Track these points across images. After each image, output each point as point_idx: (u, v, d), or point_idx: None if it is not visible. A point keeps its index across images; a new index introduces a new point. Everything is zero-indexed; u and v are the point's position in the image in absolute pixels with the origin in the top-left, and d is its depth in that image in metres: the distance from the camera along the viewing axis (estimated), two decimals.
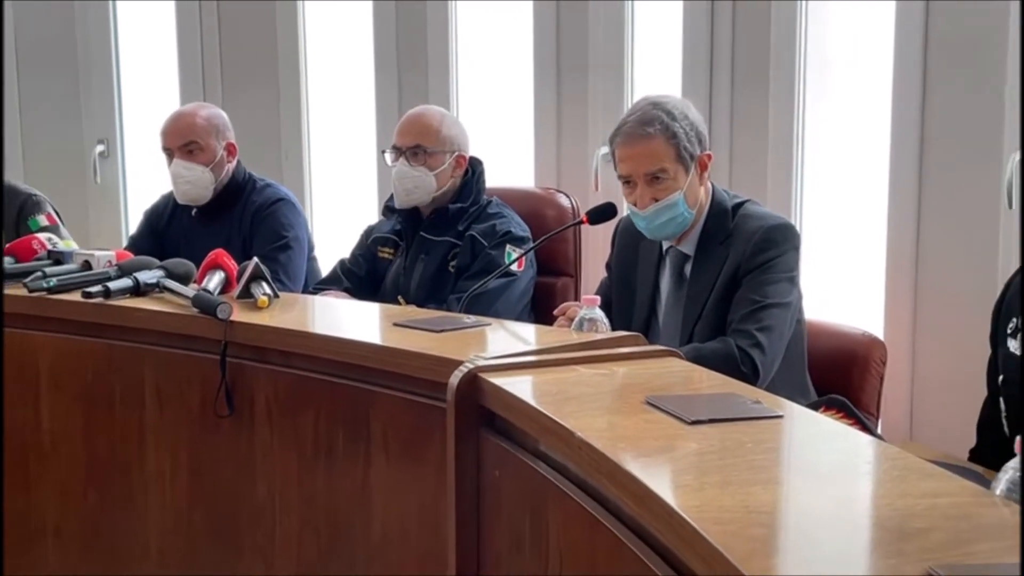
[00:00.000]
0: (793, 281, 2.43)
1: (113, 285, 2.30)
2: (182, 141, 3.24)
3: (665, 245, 2.56)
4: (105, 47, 4.58)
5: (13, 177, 3.62)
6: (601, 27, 3.57)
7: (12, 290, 2.42)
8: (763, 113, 3.24)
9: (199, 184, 3.25)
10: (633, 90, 3.53)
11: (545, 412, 1.52)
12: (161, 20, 4.47)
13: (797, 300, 2.44)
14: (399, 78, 3.96)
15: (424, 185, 2.96)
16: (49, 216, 3.38)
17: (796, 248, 2.45)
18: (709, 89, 3.30)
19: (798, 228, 2.94)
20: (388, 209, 3.16)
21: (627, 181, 2.47)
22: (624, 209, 2.64)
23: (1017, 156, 2.50)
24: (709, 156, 2.49)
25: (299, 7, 4.17)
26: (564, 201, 3.23)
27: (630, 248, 2.64)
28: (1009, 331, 1.95)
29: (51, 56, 4.63)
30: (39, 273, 2.40)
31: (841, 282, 2.98)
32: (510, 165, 3.69)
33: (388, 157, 3.05)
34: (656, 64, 3.54)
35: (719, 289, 2.43)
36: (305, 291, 3.17)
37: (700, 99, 3.19)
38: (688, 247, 2.51)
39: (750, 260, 2.39)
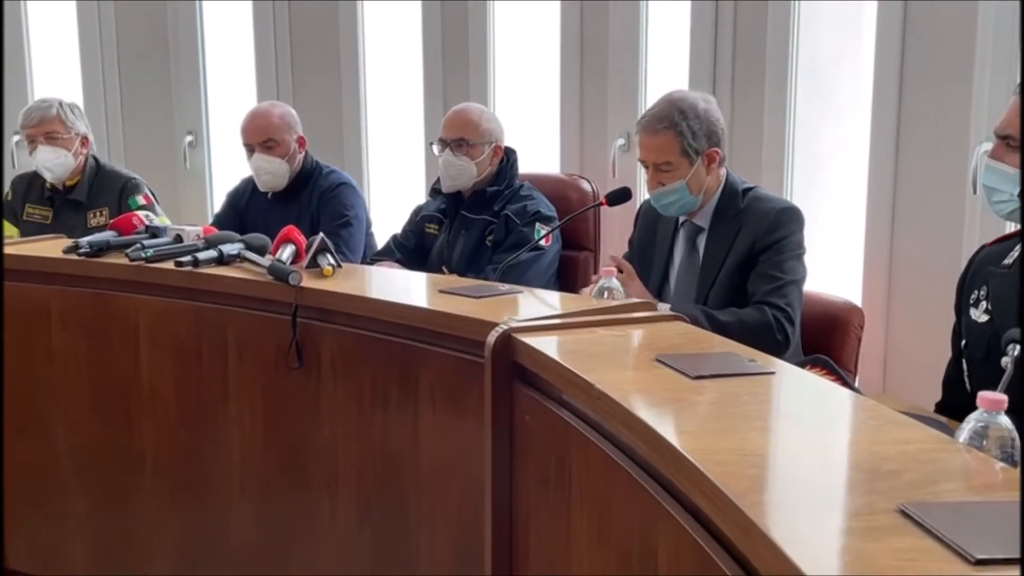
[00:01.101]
0: (801, 258, 2.44)
1: (201, 256, 2.31)
2: (262, 138, 3.26)
3: (681, 219, 2.56)
4: (193, 48, 4.59)
5: (116, 163, 3.66)
6: (619, 33, 3.55)
7: (115, 259, 2.45)
8: (759, 105, 3.22)
9: (277, 174, 3.29)
10: (647, 88, 3.52)
11: (569, 367, 1.52)
12: (239, 23, 4.47)
13: (805, 275, 2.45)
14: (443, 77, 3.95)
15: (467, 172, 2.99)
16: (146, 196, 3.41)
17: (802, 228, 2.46)
18: (712, 85, 3.28)
19: (788, 195, 2.98)
20: (434, 191, 3.18)
21: (644, 164, 2.50)
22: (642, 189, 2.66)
23: (983, 147, 2.47)
24: (716, 152, 2.47)
25: (359, 8, 4.16)
26: (585, 186, 3.23)
27: (650, 225, 2.66)
28: (971, 301, 1.93)
29: (147, 57, 4.65)
30: (138, 245, 2.41)
31: (825, 256, 2.97)
32: (539, 153, 3.67)
33: (436, 148, 3.07)
34: (665, 64, 3.51)
35: (732, 260, 2.45)
36: (363, 262, 3.19)
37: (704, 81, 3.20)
38: (702, 221, 2.53)
39: (764, 238, 2.41)
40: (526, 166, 3.17)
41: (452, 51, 3.93)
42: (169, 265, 2.33)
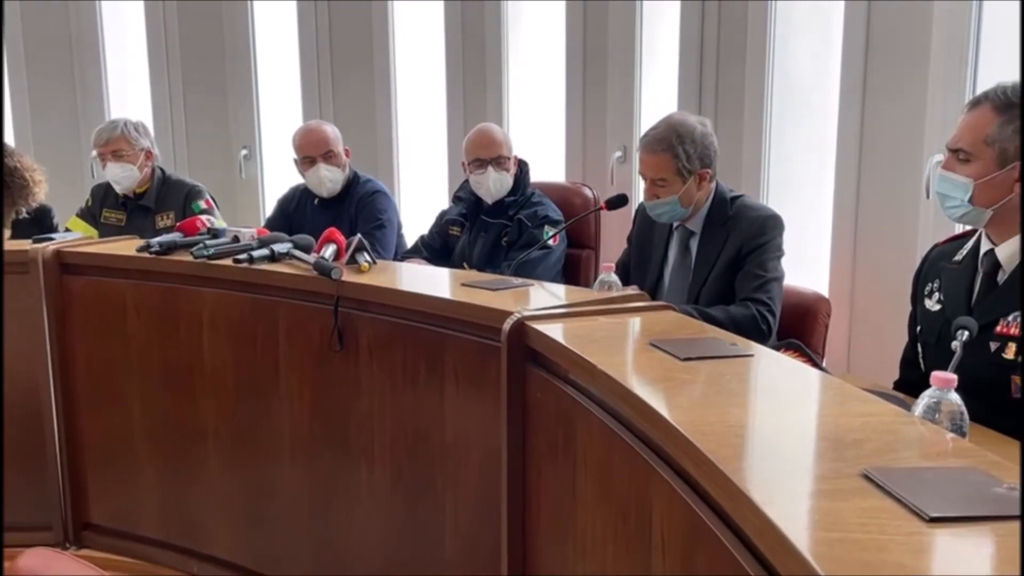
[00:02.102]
0: (780, 259, 2.43)
1: (255, 253, 2.31)
2: (324, 150, 3.27)
3: (675, 224, 2.56)
4: (247, 75, 4.60)
5: (181, 173, 3.67)
6: (616, 60, 3.55)
7: (181, 257, 2.45)
8: (739, 119, 3.22)
9: (338, 182, 3.31)
10: (641, 108, 3.52)
11: (574, 350, 1.52)
12: (287, 52, 4.47)
13: (784, 274, 2.44)
14: (464, 100, 3.95)
15: (507, 184, 3.00)
16: (207, 201, 3.41)
17: (782, 233, 2.45)
18: (699, 101, 3.27)
19: (766, 201, 2.97)
20: (456, 198, 3.19)
21: (643, 176, 2.51)
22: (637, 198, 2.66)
23: (935, 158, 2.46)
24: (707, 172, 2.46)
25: (391, 43, 4.17)
26: (587, 192, 3.23)
27: (647, 226, 2.65)
28: (926, 293, 1.93)
29: (207, 82, 4.66)
30: (201, 244, 2.41)
31: (797, 253, 2.96)
32: (547, 164, 3.68)
33: (473, 169, 3.02)
34: (657, 85, 3.51)
35: (722, 262, 2.44)
36: (395, 260, 3.20)
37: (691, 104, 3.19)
38: (694, 226, 2.52)
39: (751, 242, 2.41)
40: (536, 175, 3.16)
41: (471, 77, 3.93)
42: (228, 262, 2.34)
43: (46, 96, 4.87)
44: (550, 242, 2.87)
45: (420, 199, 4.19)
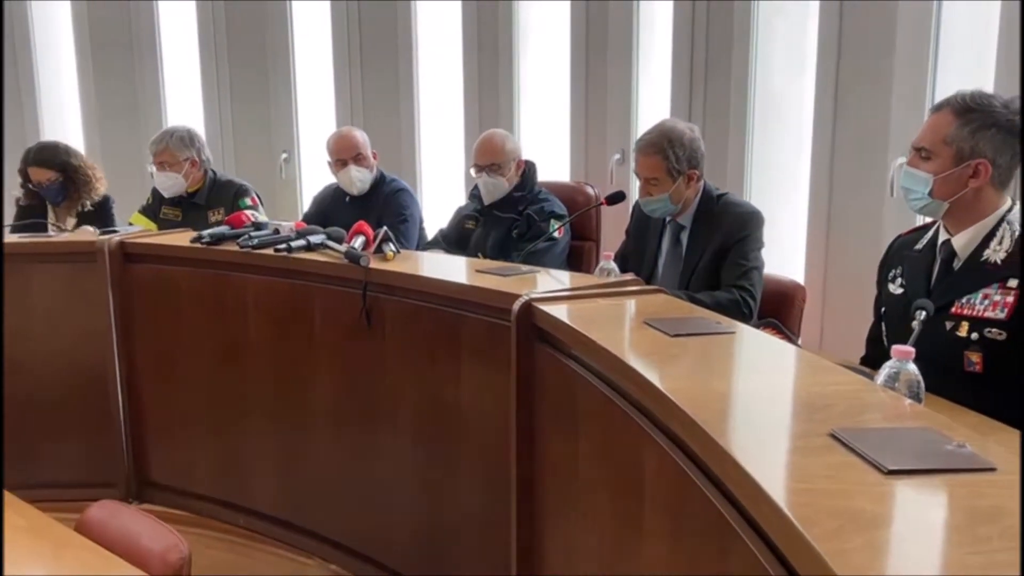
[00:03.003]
0: (760, 250, 2.43)
1: (294, 244, 2.32)
2: (354, 153, 3.28)
3: (667, 218, 2.55)
4: (288, 90, 4.61)
5: (230, 174, 3.68)
6: (615, 73, 3.54)
7: (229, 247, 2.46)
8: (725, 125, 3.21)
9: (366, 181, 3.30)
10: (638, 115, 3.51)
11: (576, 328, 1.53)
12: (321, 66, 4.47)
13: (763, 263, 2.44)
14: (479, 107, 3.94)
15: (501, 188, 2.99)
16: (252, 199, 3.41)
17: (762, 227, 2.44)
18: (688, 108, 3.26)
19: (748, 198, 2.98)
20: (472, 195, 3.18)
21: (638, 176, 2.51)
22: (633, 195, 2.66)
23: (899, 160, 2.45)
24: (695, 172, 2.45)
25: (415, 65, 4.16)
26: (589, 190, 3.22)
27: (643, 220, 2.64)
28: (890, 278, 1.92)
29: (252, 95, 4.66)
30: (247, 236, 2.42)
31: (776, 244, 2.96)
32: (553, 165, 3.66)
33: (473, 172, 3.05)
34: (652, 94, 3.49)
35: (709, 253, 2.42)
36: (416, 250, 3.20)
37: (682, 112, 3.18)
38: (685, 221, 2.51)
39: (734, 235, 2.40)
40: (543, 174, 3.15)
41: (486, 87, 3.92)
42: (270, 251, 2.35)
43: (111, 101, 4.88)
44: (556, 234, 2.86)
45: (439, 196, 4.18)
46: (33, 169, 3.38)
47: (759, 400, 1.17)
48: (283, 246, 2.32)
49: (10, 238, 2.95)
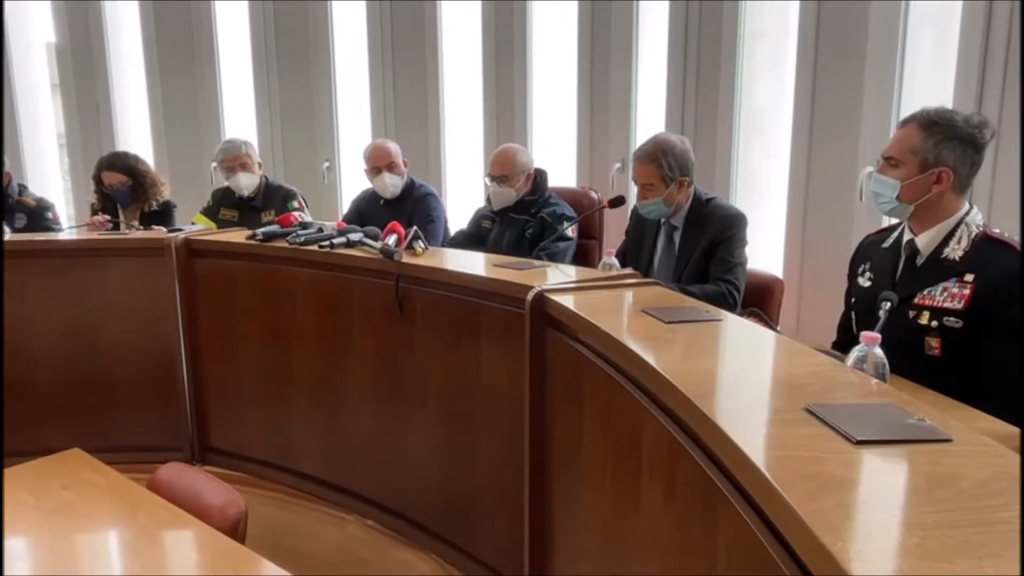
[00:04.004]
0: (744, 248, 2.41)
1: (335, 241, 2.33)
2: (388, 162, 3.28)
3: (662, 220, 2.55)
4: (329, 107, 4.63)
5: (280, 180, 3.70)
6: (617, 92, 3.53)
7: (279, 244, 2.46)
8: (713, 136, 3.19)
9: (398, 186, 3.30)
10: (636, 130, 3.49)
11: (582, 315, 1.53)
12: (358, 87, 4.48)
13: (747, 260, 2.43)
14: (497, 120, 3.94)
15: (509, 197, 2.98)
16: (300, 202, 3.43)
17: (746, 228, 2.43)
18: (681, 123, 3.25)
19: (734, 201, 2.96)
20: (489, 199, 3.18)
21: (635, 182, 2.50)
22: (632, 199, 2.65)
23: (867, 169, 2.43)
24: (686, 179, 2.44)
25: (441, 84, 4.16)
26: (593, 195, 3.20)
27: (640, 222, 2.63)
28: (859, 272, 1.91)
29: (299, 113, 4.68)
30: (295, 234, 2.43)
31: (758, 242, 2.95)
32: (563, 172, 3.66)
33: (487, 181, 3.05)
34: (649, 110, 3.48)
35: (699, 251, 2.41)
36: (442, 247, 3.21)
37: (675, 126, 3.17)
38: (677, 222, 2.50)
39: (721, 235, 2.39)
40: (553, 181, 3.14)
41: (503, 103, 3.92)
42: (314, 248, 2.36)
43: (175, 117, 4.91)
44: (569, 232, 2.86)
45: (461, 199, 4.20)
46: (106, 173, 3.41)
47: (743, 379, 1.17)
48: (326, 243, 2.33)
49: (90, 235, 2.98)
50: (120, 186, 3.39)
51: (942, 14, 2.59)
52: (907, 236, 1.79)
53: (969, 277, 1.65)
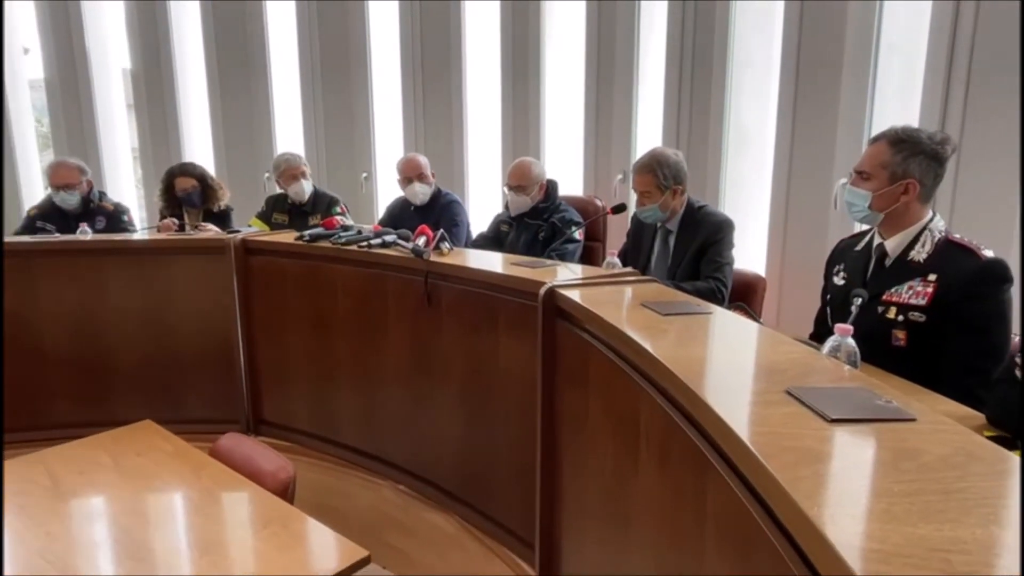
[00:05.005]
0: (732, 249, 2.40)
1: (372, 242, 2.33)
2: (418, 172, 3.28)
3: (658, 225, 2.54)
4: (366, 125, 4.64)
5: (324, 187, 3.72)
6: (619, 112, 3.51)
7: (324, 244, 2.47)
8: (704, 150, 3.17)
9: (427, 194, 3.30)
10: (636, 144, 3.48)
11: (588, 308, 1.53)
12: (393, 111, 4.48)
13: (734, 260, 2.41)
14: (514, 137, 3.94)
15: (524, 204, 2.96)
16: (342, 207, 3.44)
17: (733, 232, 2.41)
18: (676, 138, 3.23)
19: (723, 209, 2.93)
20: (507, 206, 3.18)
21: (635, 191, 2.48)
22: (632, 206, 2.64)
23: (841, 181, 2.41)
24: (679, 187, 2.43)
25: (465, 104, 4.16)
26: (597, 202, 3.18)
27: (639, 226, 2.62)
28: (834, 272, 1.90)
29: (339, 127, 4.70)
30: (337, 235, 2.44)
31: (744, 245, 2.93)
32: (571, 182, 3.64)
33: (506, 190, 3.04)
34: (647, 127, 3.45)
35: (691, 252, 2.39)
36: (465, 247, 3.20)
37: (671, 141, 3.15)
38: (672, 226, 2.48)
39: (711, 238, 2.37)
40: (563, 190, 3.14)
41: (519, 121, 3.91)
42: (354, 247, 2.37)
43: (233, 132, 4.95)
44: (577, 235, 2.86)
45: (482, 206, 4.20)
46: (179, 179, 3.44)
47: (730, 364, 1.16)
48: (365, 243, 2.34)
49: (160, 235, 3.02)
50: (192, 190, 3.42)
51: (910, 44, 2.56)
52: (877, 240, 1.77)
53: (932, 277, 1.63)
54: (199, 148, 5.09)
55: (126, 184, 5.44)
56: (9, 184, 5.32)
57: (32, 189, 5.43)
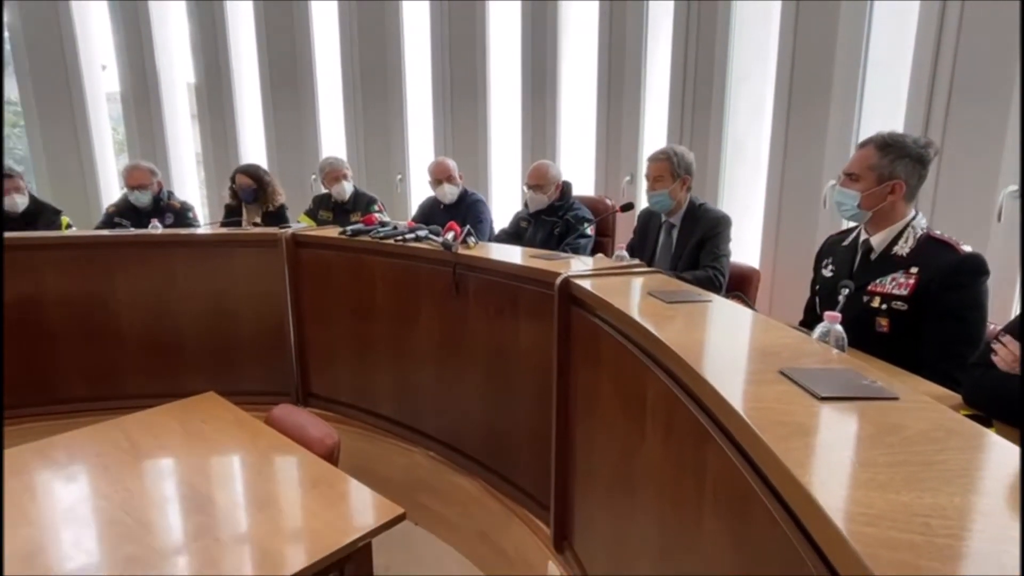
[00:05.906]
0: (729, 243, 2.37)
1: (407, 236, 2.33)
2: (447, 174, 3.27)
3: (663, 218, 2.51)
4: (400, 131, 4.63)
5: (364, 188, 3.73)
6: (628, 121, 3.47)
7: (364, 238, 2.47)
8: (704, 152, 3.13)
9: (455, 194, 3.28)
10: (643, 147, 3.44)
11: (600, 296, 1.52)
12: (423, 117, 4.46)
13: (731, 253, 2.38)
14: (532, 142, 3.92)
15: (542, 202, 2.94)
16: (380, 206, 3.45)
17: (730, 227, 2.38)
18: (679, 138, 3.17)
19: (721, 207, 2.89)
20: (525, 204, 3.16)
21: (647, 178, 2.46)
22: (642, 199, 2.61)
23: (831, 182, 2.36)
24: (688, 178, 2.41)
25: (490, 115, 4.15)
26: (608, 201, 3.16)
27: (645, 222, 2.60)
28: (823, 265, 1.87)
29: (376, 133, 4.70)
30: (375, 230, 2.45)
31: (740, 239, 2.89)
32: (584, 182, 3.61)
33: (525, 189, 3.02)
34: (652, 131, 3.41)
35: (692, 245, 2.37)
36: (489, 242, 3.19)
37: (676, 136, 3.12)
38: (675, 221, 2.46)
39: (710, 232, 2.35)
40: (576, 190, 3.12)
41: (537, 126, 3.89)
42: (391, 241, 2.37)
43: (285, 137, 4.98)
44: (589, 231, 2.85)
45: (504, 204, 4.19)
46: (239, 176, 3.50)
47: (729, 347, 1.16)
48: (400, 237, 2.35)
49: (221, 230, 3.05)
50: (247, 187, 3.47)
51: (896, 57, 2.51)
52: (863, 236, 1.74)
53: (914, 270, 1.60)
54: (254, 153, 5.14)
55: (191, 185, 5.52)
56: (90, 184, 5.42)
57: (109, 190, 5.53)
